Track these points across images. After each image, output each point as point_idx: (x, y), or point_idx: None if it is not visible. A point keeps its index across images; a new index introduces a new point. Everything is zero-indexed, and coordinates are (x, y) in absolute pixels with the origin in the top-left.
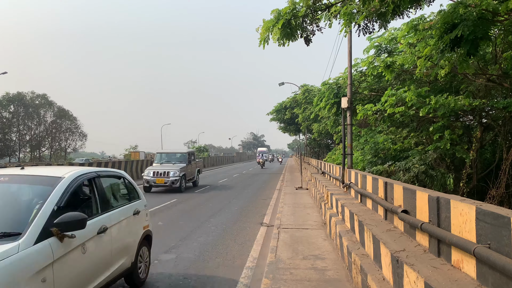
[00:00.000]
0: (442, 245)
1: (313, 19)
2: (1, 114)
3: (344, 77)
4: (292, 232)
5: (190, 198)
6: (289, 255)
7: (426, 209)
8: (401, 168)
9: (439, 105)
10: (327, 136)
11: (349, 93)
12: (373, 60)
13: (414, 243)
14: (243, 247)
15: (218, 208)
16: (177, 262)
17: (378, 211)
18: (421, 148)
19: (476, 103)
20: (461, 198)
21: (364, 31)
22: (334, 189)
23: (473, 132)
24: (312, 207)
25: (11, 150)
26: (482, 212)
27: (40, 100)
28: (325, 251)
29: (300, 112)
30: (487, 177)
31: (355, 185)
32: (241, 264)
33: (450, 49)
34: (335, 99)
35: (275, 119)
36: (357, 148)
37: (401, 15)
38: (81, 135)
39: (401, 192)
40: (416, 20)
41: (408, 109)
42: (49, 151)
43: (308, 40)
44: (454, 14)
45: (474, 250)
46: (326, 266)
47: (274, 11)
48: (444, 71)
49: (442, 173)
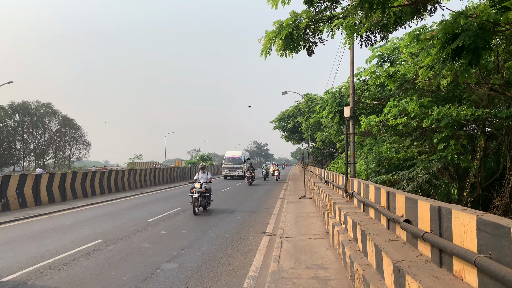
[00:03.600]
0: (444, 255)
1: (315, 30)
2: (6, 123)
3: (346, 86)
4: (295, 241)
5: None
6: (291, 264)
7: (428, 219)
8: (404, 177)
9: (441, 115)
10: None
11: (351, 102)
12: (376, 70)
13: (416, 252)
14: (246, 256)
15: (221, 217)
16: (179, 271)
17: (380, 220)
18: (425, 157)
19: (479, 112)
20: (462, 208)
21: (366, 42)
22: (337, 198)
23: (476, 141)
24: (315, 216)
25: (15, 158)
26: (483, 222)
27: (44, 109)
28: (328, 260)
29: (303, 121)
30: (491, 186)
31: (358, 195)
32: (243, 273)
33: (452, 59)
34: (338, 107)
35: (278, 127)
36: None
37: (403, 26)
38: (85, 144)
39: (403, 202)
40: (418, 30)
41: (411, 120)
42: (53, 160)
43: (310, 51)
44: (455, 25)
45: (475, 260)
46: (328, 275)
47: (276, 23)
48: (447, 81)
49: (446, 182)
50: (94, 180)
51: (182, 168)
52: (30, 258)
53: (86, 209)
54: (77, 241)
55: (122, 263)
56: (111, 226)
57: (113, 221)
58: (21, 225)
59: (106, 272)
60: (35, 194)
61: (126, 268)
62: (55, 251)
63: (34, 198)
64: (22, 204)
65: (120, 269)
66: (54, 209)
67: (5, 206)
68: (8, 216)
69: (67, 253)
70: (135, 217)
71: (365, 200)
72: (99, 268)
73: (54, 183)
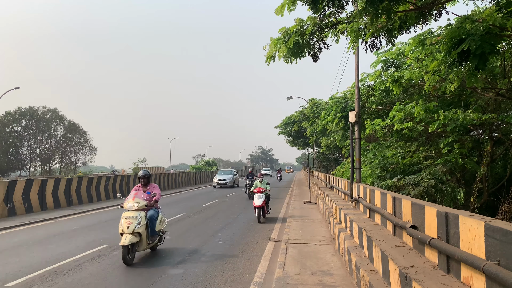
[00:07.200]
0: (451, 261)
1: (320, 36)
2: (13, 128)
3: (351, 91)
4: (300, 247)
5: (198, 212)
6: (297, 270)
7: (434, 225)
8: (410, 182)
9: (448, 120)
10: (336, 150)
11: (356, 107)
12: (381, 75)
13: (423, 259)
14: (251, 262)
15: (226, 222)
16: (184, 277)
17: (387, 226)
18: (431, 162)
19: (485, 117)
20: (469, 213)
21: (371, 47)
22: (342, 204)
23: (483, 147)
24: (321, 221)
25: (21, 164)
26: (491, 228)
27: (51, 114)
28: (334, 266)
29: (308, 126)
30: (498, 191)
31: (363, 200)
32: (248, 279)
33: (458, 64)
34: (343, 113)
35: (283, 132)
36: (365, 163)
37: (408, 31)
38: (91, 149)
39: (409, 207)
40: (423, 34)
41: (417, 124)
42: (59, 165)
43: (315, 57)
44: (461, 29)
45: (483, 267)
46: (334, 282)
47: (281, 30)
48: (454, 86)
49: (452, 187)
50: (99, 185)
51: (187, 173)
52: (35, 263)
53: (91, 214)
54: (82, 246)
55: (127, 269)
56: (116, 232)
57: (118, 226)
58: (26, 230)
59: (111, 278)
60: (40, 199)
61: (131, 273)
62: (60, 256)
63: (40, 203)
64: (28, 209)
65: (125, 274)
66: (60, 214)
67: (11, 211)
68: (14, 221)
69: (72, 258)
70: None
71: (371, 206)
72: (104, 273)
73: (60, 188)
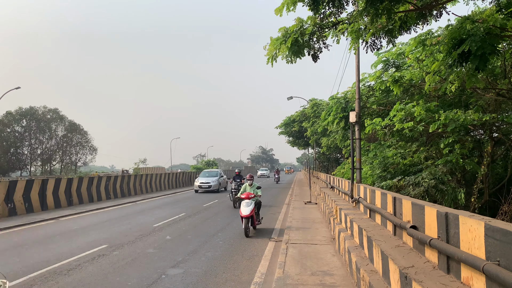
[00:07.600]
0: (451, 261)
1: (320, 36)
2: (14, 128)
3: (352, 91)
4: (301, 247)
5: (198, 212)
6: (297, 270)
7: (435, 225)
8: (410, 182)
9: (448, 120)
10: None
11: (357, 108)
12: (381, 75)
13: (423, 259)
14: (251, 262)
15: (226, 222)
16: (184, 277)
17: (387, 226)
18: (431, 162)
19: (486, 117)
20: (469, 214)
21: (371, 47)
22: (343, 204)
23: (484, 147)
24: (321, 222)
25: (22, 163)
26: (491, 229)
27: (51, 114)
28: (334, 267)
29: (309, 126)
30: (499, 192)
31: (364, 200)
32: (248, 279)
33: (459, 64)
34: (343, 113)
35: (284, 132)
36: (366, 163)
37: (408, 31)
38: (92, 149)
39: (409, 208)
40: (423, 35)
41: (417, 124)
42: (60, 165)
43: (315, 57)
44: (461, 30)
45: (483, 267)
46: (334, 282)
47: (281, 29)
48: (454, 86)
49: (453, 187)
50: (100, 185)
51: (188, 173)
52: (36, 263)
53: (92, 214)
54: (82, 246)
55: (127, 269)
56: (117, 231)
57: (118, 226)
58: (27, 230)
59: (111, 278)
60: (41, 199)
61: (131, 273)
62: (61, 256)
63: (40, 203)
64: (28, 209)
65: (125, 274)
66: (60, 214)
67: (12, 211)
68: (15, 221)
69: (72, 258)
70: (140, 222)
71: (371, 206)
72: (104, 273)
73: (60, 188)
